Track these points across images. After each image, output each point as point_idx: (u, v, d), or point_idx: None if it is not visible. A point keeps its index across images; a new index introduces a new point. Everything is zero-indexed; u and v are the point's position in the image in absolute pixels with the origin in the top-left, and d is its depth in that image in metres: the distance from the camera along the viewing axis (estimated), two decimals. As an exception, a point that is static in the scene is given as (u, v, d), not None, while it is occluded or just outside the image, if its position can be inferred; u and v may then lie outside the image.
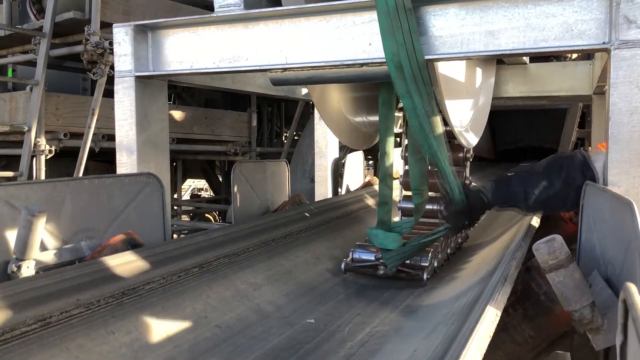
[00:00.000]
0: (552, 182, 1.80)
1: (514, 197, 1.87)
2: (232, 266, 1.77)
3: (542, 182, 1.81)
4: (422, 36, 1.65)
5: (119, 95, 2.05)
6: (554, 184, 1.80)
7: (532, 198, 1.82)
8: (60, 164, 4.53)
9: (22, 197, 1.44)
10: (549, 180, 1.81)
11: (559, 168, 1.81)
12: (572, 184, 1.76)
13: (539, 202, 1.83)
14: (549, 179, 1.81)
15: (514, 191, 1.86)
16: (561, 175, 1.79)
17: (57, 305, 1.22)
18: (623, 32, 1.40)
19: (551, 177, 1.81)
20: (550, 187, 1.80)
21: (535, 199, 1.82)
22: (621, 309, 0.71)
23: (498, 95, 3.34)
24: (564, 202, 1.83)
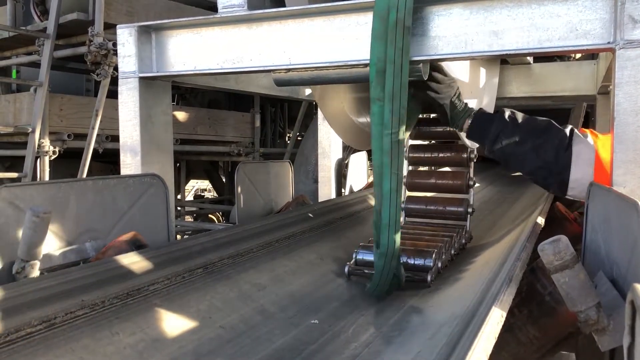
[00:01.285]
0: (524, 141, 1.76)
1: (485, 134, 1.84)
2: (236, 267, 1.77)
3: (515, 136, 1.77)
4: (425, 36, 1.65)
5: (123, 96, 2.06)
6: (525, 144, 1.76)
7: (497, 145, 1.80)
8: (64, 165, 4.55)
9: (27, 198, 1.44)
10: (522, 139, 1.77)
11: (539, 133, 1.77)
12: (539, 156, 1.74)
13: (501, 152, 1.81)
14: (522, 138, 1.77)
15: (488, 130, 1.82)
16: (535, 142, 1.75)
17: (62, 306, 1.22)
18: (628, 32, 1.40)
19: (526, 138, 1.77)
20: (519, 145, 1.77)
21: (500, 148, 1.80)
22: (629, 310, 0.71)
23: (502, 96, 3.34)
24: (522, 166, 1.81)
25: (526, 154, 1.76)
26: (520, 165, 1.82)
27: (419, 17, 1.65)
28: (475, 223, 2.70)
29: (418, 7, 1.64)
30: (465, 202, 2.46)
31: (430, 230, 2.40)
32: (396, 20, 1.57)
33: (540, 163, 1.75)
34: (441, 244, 2.12)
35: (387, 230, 1.70)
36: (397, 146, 1.65)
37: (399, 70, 1.60)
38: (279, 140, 7.10)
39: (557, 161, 1.72)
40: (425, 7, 1.64)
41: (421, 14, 1.64)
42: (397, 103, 1.63)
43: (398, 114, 1.63)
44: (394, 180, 1.67)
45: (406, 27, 1.57)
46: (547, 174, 1.77)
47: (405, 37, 1.58)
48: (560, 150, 1.72)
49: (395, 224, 1.70)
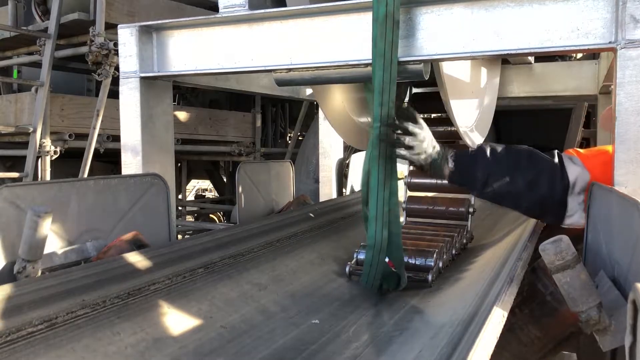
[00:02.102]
0: (515, 179, 1.69)
1: (472, 180, 1.75)
2: (237, 267, 1.77)
3: (506, 177, 1.70)
4: (426, 36, 1.64)
5: (124, 96, 2.06)
6: (517, 182, 1.69)
7: (489, 188, 1.72)
8: (65, 165, 4.54)
9: (28, 198, 1.44)
10: (512, 177, 1.69)
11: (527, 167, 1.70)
12: (535, 191, 1.68)
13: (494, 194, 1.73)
14: (513, 177, 1.69)
15: (475, 175, 1.73)
16: (527, 177, 1.68)
17: (63, 305, 1.22)
18: (629, 32, 1.40)
19: (516, 176, 1.69)
20: (511, 184, 1.69)
21: (492, 190, 1.72)
22: (631, 310, 0.71)
23: (503, 95, 3.34)
24: (518, 204, 1.75)
25: (520, 192, 1.70)
26: (516, 203, 1.76)
27: (420, 16, 1.64)
28: (477, 223, 2.70)
29: (420, 7, 1.64)
30: (466, 202, 2.46)
31: (431, 230, 2.40)
32: (385, 14, 1.58)
33: (537, 198, 1.69)
34: (442, 243, 2.12)
35: (374, 223, 1.71)
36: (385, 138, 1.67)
37: (389, 64, 1.61)
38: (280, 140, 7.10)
39: (554, 193, 1.67)
40: (427, 7, 1.64)
41: (422, 14, 1.64)
42: (386, 96, 1.64)
43: (387, 107, 1.65)
44: (382, 173, 1.69)
45: (395, 21, 1.59)
46: (544, 207, 1.72)
47: (395, 31, 1.59)
48: (555, 180, 1.66)
49: (383, 217, 1.70)
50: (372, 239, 1.73)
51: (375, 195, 1.70)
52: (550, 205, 1.69)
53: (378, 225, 1.71)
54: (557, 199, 1.67)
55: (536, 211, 1.79)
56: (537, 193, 1.68)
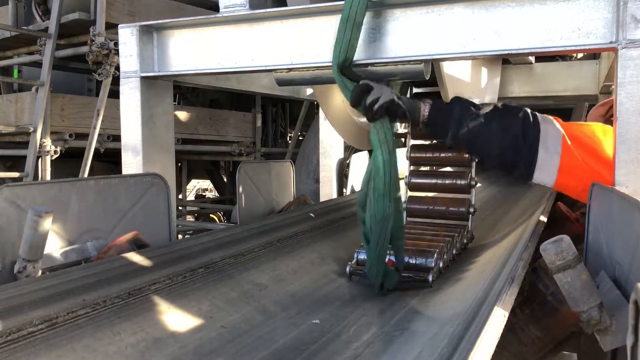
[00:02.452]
0: (490, 122, 1.72)
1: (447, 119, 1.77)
2: (238, 267, 1.77)
3: (480, 118, 1.73)
4: (427, 35, 1.64)
5: (125, 95, 2.06)
6: (490, 125, 1.72)
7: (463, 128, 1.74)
8: (65, 165, 4.55)
9: (29, 197, 1.44)
10: (487, 120, 1.72)
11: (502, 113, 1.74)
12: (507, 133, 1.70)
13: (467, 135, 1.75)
14: (487, 119, 1.73)
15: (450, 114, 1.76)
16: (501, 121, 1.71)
17: (64, 305, 1.22)
18: (630, 32, 1.40)
19: (490, 118, 1.73)
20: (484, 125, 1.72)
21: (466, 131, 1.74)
22: (632, 310, 0.71)
23: (503, 95, 3.34)
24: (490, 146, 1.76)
25: (493, 133, 1.72)
26: (488, 146, 1.76)
27: (421, 16, 1.64)
28: (477, 223, 2.70)
29: (420, 6, 1.64)
30: (467, 202, 2.45)
31: (432, 230, 2.40)
32: (347, 16, 1.62)
33: (508, 141, 1.70)
34: (443, 243, 2.11)
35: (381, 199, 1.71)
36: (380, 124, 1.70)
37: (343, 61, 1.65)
38: (280, 140, 7.10)
39: (525, 137, 1.68)
40: (428, 6, 1.64)
41: (423, 13, 1.64)
42: None
43: None
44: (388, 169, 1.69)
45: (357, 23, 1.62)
46: (515, 153, 1.73)
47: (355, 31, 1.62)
48: (527, 126, 1.68)
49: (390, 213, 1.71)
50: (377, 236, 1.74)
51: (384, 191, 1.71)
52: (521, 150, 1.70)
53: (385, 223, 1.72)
54: (528, 146, 1.68)
55: (508, 157, 1.77)
56: (508, 136, 1.70)
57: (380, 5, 1.68)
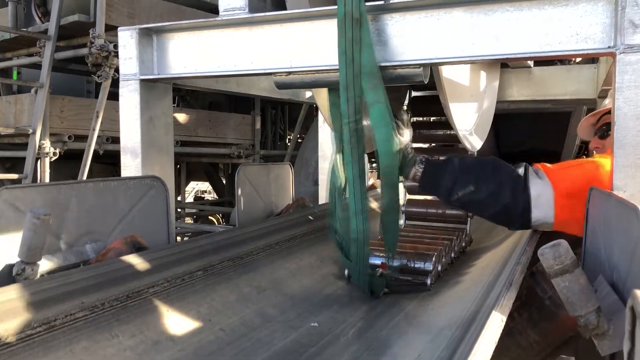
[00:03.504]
0: (480, 188, 1.72)
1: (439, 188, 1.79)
2: (236, 269, 1.77)
3: (470, 185, 1.73)
4: (426, 39, 1.65)
5: (124, 98, 2.06)
6: (481, 191, 1.72)
7: (454, 196, 1.75)
8: (64, 167, 4.54)
9: (28, 199, 1.44)
10: (477, 186, 1.73)
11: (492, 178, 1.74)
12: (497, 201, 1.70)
13: (459, 202, 1.77)
14: (477, 185, 1.73)
15: (441, 183, 1.77)
16: (490, 188, 1.72)
17: (62, 308, 1.22)
18: (628, 37, 1.40)
19: (480, 184, 1.73)
20: (475, 192, 1.73)
21: (457, 198, 1.76)
22: (629, 316, 0.71)
23: (502, 99, 3.34)
24: (482, 212, 1.79)
25: (484, 201, 1.73)
26: (480, 212, 1.81)
27: (420, 20, 1.65)
28: (476, 226, 2.70)
29: (419, 11, 1.64)
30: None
31: (430, 234, 2.40)
32: (344, 14, 1.62)
33: (499, 208, 1.72)
34: (441, 247, 2.12)
35: (355, 217, 1.74)
36: (355, 135, 1.70)
37: (351, 61, 1.64)
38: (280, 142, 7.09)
39: (516, 204, 1.69)
40: (427, 11, 1.64)
41: (422, 18, 1.64)
42: (351, 92, 1.66)
43: (353, 102, 1.67)
44: (356, 168, 1.71)
45: (355, 19, 1.61)
46: (508, 217, 1.75)
47: (355, 28, 1.61)
48: (516, 192, 1.69)
49: (362, 211, 1.73)
50: (355, 232, 1.75)
51: (352, 189, 1.73)
52: (514, 216, 1.72)
53: (358, 218, 1.74)
54: (519, 210, 1.69)
55: (501, 220, 1.81)
56: (499, 203, 1.71)
57: (379, 9, 1.68)
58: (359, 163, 1.72)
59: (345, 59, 1.64)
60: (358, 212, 1.73)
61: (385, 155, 1.69)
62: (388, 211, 1.77)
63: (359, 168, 1.72)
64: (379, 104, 1.64)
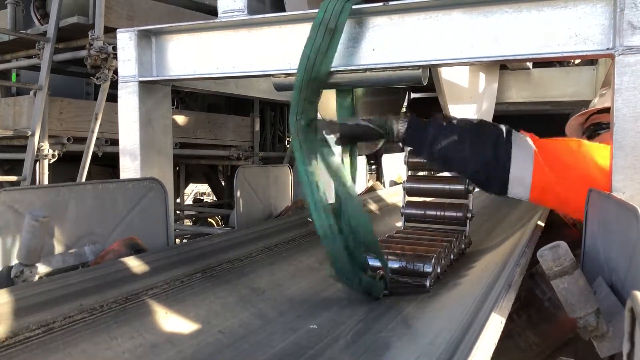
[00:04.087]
0: (463, 142, 1.72)
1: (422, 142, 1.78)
2: (235, 271, 1.77)
3: (454, 137, 1.72)
4: (426, 41, 1.65)
5: (123, 100, 2.06)
6: (463, 144, 1.72)
7: (437, 147, 1.74)
8: (63, 169, 4.54)
9: (26, 201, 1.44)
10: (460, 139, 1.72)
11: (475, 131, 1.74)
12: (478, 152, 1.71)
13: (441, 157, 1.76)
14: (461, 138, 1.73)
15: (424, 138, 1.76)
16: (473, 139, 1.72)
17: (61, 310, 1.22)
18: (627, 38, 1.40)
19: (464, 138, 1.73)
20: (458, 145, 1.72)
21: (439, 149, 1.74)
22: (628, 318, 0.71)
23: (501, 101, 3.35)
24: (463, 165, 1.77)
25: (465, 153, 1.73)
26: (462, 165, 1.78)
27: (419, 22, 1.65)
28: (475, 228, 2.70)
29: (418, 12, 1.64)
30: (464, 208, 2.46)
31: (429, 235, 2.40)
32: (321, 20, 1.64)
33: (481, 161, 1.71)
34: (440, 249, 2.12)
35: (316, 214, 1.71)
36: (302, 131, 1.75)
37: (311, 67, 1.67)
38: (279, 144, 7.09)
39: (497, 158, 1.69)
40: (426, 12, 1.64)
41: (422, 19, 1.64)
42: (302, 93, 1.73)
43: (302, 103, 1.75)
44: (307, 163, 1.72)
45: (329, 29, 1.63)
46: (487, 172, 1.74)
47: (326, 37, 1.64)
48: (499, 146, 1.69)
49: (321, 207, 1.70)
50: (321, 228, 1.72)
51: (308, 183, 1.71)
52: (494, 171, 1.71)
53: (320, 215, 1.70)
54: (500, 166, 1.69)
55: (481, 177, 1.79)
56: (480, 155, 1.71)
57: (378, 11, 1.68)
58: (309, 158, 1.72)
59: (307, 63, 1.67)
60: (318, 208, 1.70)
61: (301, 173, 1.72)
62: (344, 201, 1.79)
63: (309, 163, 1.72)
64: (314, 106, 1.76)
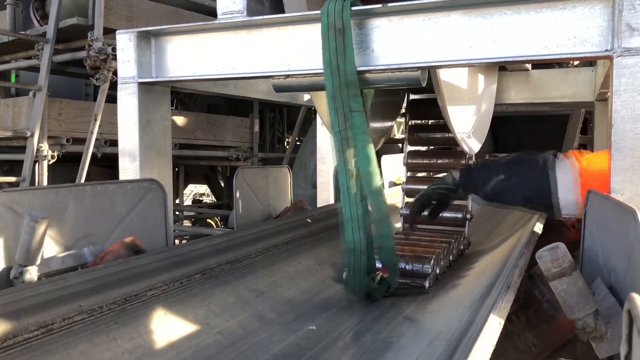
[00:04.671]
0: (510, 178, 1.85)
1: (475, 184, 1.94)
2: (235, 272, 1.77)
3: (500, 174, 1.87)
4: (425, 43, 1.65)
5: (122, 101, 2.06)
6: (511, 180, 1.85)
7: (488, 188, 1.88)
8: (62, 170, 4.54)
9: (25, 202, 1.44)
10: (506, 174, 1.86)
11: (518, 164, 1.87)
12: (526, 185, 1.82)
13: (494, 193, 1.88)
14: (506, 173, 1.86)
15: (476, 180, 1.93)
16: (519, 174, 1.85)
17: (60, 311, 1.22)
18: (625, 40, 1.40)
19: (508, 171, 1.86)
20: (506, 181, 1.85)
21: (491, 189, 1.87)
22: (626, 320, 0.71)
23: (500, 102, 3.35)
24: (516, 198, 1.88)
25: (515, 186, 1.85)
26: (514, 199, 1.89)
27: (418, 23, 1.65)
28: (474, 229, 2.70)
29: (418, 14, 1.65)
30: (463, 209, 2.46)
31: (428, 236, 2.40)
32: (327, 24, 1.64)
33: (529, 191, 1.82)
34: (439, 249, 2.12)
35: (350, 224, 1.73)
36: (346, 142, 1.71)
37: (336, 71, 1.66)
38: (278, 145, 7.09)
39: (543, 186, 1.78)
40: (425, 14, 1.64)
41: (421, 21, 1.65)
42: (339, 101, 1.68)
43: (342, 111, 1.69)
44: (349, 175, 1.72)
45: (337, 29, 1.63)
46: (538, 200, 1.84)
47: (338, 38, 1.64)
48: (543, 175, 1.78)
49: (358, 219, 1.72)
50: (351, 242, 1.74)
51: (347, 198, 1.73)
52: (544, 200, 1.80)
53: (354, 226, 1.73)
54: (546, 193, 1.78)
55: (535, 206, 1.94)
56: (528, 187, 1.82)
57: (377, 12, 1.68)
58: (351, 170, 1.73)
59: (330, 69, 1.66)
60: (353, 219, 1.72)
61: (364, 161, 1.70)
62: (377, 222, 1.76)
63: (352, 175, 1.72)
64: (358, 113, 1.68)
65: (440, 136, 2.60)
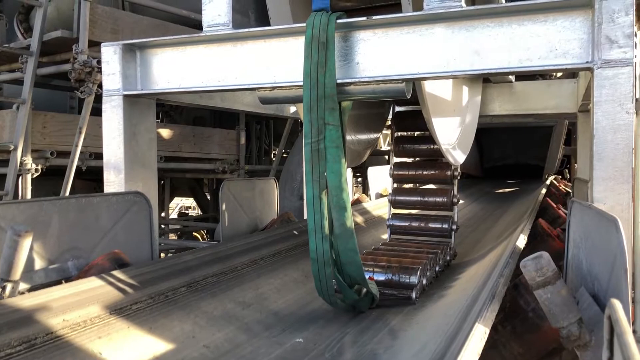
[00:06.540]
0: None
1: None
2: (221, 285, 1.76)
3: None
4: (409, 55, 1.66)
5: (107, 113, 2.05)
6: None
7: None
8: (46, 183, 4.49)
9: (8, 216, 1.43)
10: None
11: None
12: None
13: None
14: None
15: None
16: None
17: (43, 326, 1.20)
18: (605, 52, 1.43)
19: None
20: None
21: None
22: (607, 326, 0.72)
23: (485, 113, 3.38)
24: None
25: None
26: None
27: (402, 36, 1.67)
28: (460, 239, 2.71)
29: (402, 27, 1.66)
30: (449, 219, 2.47)
31: (415, 247, 2.41)
32: (312, 36, 1.65)
33: None
34: (426, 260, 2.12)
35: (313, 235, 1.71)
36: (317, 155, 1.70)
37: (315, 83, 1.66)
38: (264, 157, 7.08)
39: None
40: (409, 27, 1.66)
41: (405, 34, 1.66)
42: (314, 114, 1.68)
43: (316, 124, 1.69)
44: (316, 187, 1.71)
45: (321, 43, 1.64)
46: None
47: (321, 51, 1.64)
48: None
49: (322, 230, 1.69)
50: (314, 252, 1.71)
51: (312, 208, 1.71)
52: None
53: (317, 237, 1.70)
54: None
55: None
56: None
57: (362, 25, 1.70)
58: (319, 182, 1.71)
59: (309, 81, 1.66)
60: (317, 230, 1.70)
61: (333, 175, 1.69)
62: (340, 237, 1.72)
63: (319, 188, 1.71)
64: (334, 127, 1.67)
65: (425, 147, 2.61)
